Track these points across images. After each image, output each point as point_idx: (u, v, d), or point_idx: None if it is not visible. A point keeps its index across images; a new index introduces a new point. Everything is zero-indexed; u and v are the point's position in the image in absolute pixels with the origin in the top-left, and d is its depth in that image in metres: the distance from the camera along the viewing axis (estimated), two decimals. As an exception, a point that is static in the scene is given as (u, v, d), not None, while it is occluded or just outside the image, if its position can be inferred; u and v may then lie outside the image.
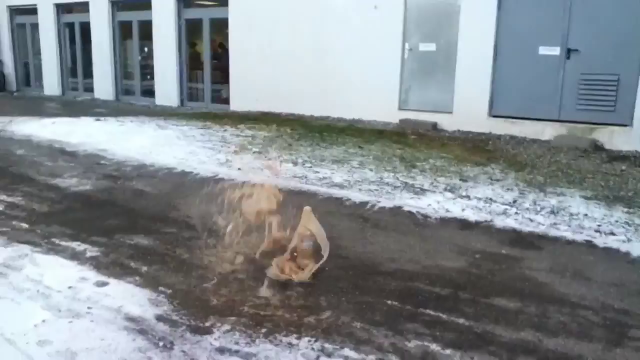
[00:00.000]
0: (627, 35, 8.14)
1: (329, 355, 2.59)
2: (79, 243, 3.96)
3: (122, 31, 15.53)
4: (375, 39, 10.59)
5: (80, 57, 16.76)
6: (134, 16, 15.02)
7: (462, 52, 9.64)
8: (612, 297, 3.28)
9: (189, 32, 14.07)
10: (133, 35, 15.27)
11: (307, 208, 3.59)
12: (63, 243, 3.96)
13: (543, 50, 8.94)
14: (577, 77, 8.63)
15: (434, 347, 2.68)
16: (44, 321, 2.80)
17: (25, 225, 4.36)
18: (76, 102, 15.57)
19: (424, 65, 10.29)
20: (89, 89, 16.31)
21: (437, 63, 10.10)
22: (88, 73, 16.37)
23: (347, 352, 2.62)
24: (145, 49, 15.11)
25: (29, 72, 18.55)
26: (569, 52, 8.67)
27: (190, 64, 14.23)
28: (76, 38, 16.71)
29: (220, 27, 13.29)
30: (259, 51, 12.27)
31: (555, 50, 8.82)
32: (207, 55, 13.81)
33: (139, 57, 15.38)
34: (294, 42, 11.72)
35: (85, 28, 16.02)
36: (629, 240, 4.20)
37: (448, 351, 2.64)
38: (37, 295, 3.09)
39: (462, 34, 9.61)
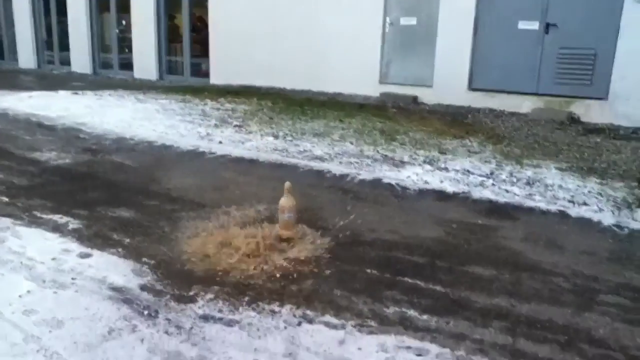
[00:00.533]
0: (603, 10, 8.22)
1: (310, 321, 2.66)
2: (60, 216, 3.96)
3: (100, 3, 15.21)
4: (357, 13, 10.55)
5: (56, 29, 16.41)
6: (112, -13, 14.72)
7: (443, 26, 9.66)
8: (582, 264, 3.41)
9: (168, 4, 13.84)
10: (110, 7, 14.98)
11: (287, 183, 3.65)
12: (45, 216, 3.96)
13: (522, 25, 9.00)
14: (555, 51, 8.73)
15: (412, 312, 2.77)
16: (28, 292, 2.83)
17: (5, 199, 4.34)
18: (53, 75, 15.30)
19: (405, 39, 10.30)
20: (66, 62, 16.03)
21: (418, 37, 10.12)
22: (64, 46, 16.06)
23: (328, 318, 2.70)
24: (123, 22, 14.85)
25: (2, 44, 18.14)
26: (547, 27, 8.74)
27: (170, 37, 14.03)
28: (51, 10, 16.33)
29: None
30: (239, 24, 12.14)
31: (534, 25, 8.89)
32: (187, 28, 13.62)
33: (117, 30, 15.11)
34: (275, 15, 11.62)
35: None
36: (600, 210, 4.33)
37: (425, 316, 2.73)
38: (21, 267, 3.11)
39: (443, 8, 9.62)
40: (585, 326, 2.67)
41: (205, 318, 2.66)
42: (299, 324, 2.64)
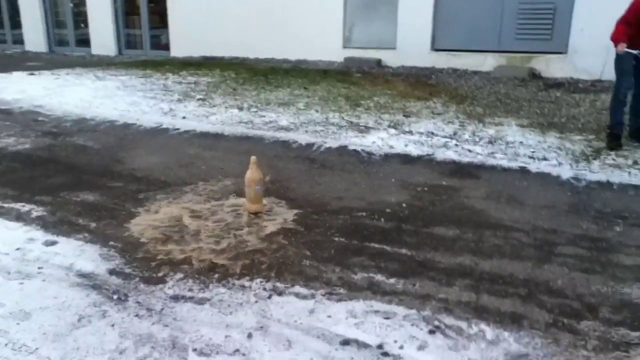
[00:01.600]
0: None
1: (280, 293, 2.70)
2: (23, 204, 3.90)
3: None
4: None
5: (6, 5, 15.77)
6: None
7: (403, -14, 9.60)
8: (542, 218, 3.52)
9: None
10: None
11: (253, 157, 3.64)
12: (6, 205, 3.89)
13: (483, -19, 9.00)
14: (515, 6, 8.76)
15: (379, 277, 2.83)
16: (-6, 284, 2.80)
17: (-36, 190, 4.24)
18: (5, 55, 14.77)
19: (367, 1, 10.20)
20: (19, 40, 15.48)
21: (379, -2, 10.03)
22: (16, 23, 15.48)
23: (298, 289, 2.74)
24: (77, -5, 14.36)
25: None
26: (507, -18, 8.76)
27: (127, 9, 13.62)
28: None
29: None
30: (196, -7, 11.86)
31: (495, -19, 8.89)
32: (143, -1, 13.24)
33: (71, 4, 14.60)
34: (232, -18, 11.37)
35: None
36: (559, 164, 4.45)
37: (392, 280, 2.80)
38: (-16, 259, 3.07)
39: (402, -34, 9.53)
40: (544, 278, 2.78)
41: (176, 298, 2.68)
42: (269, 296, 2.68)
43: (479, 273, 2.85)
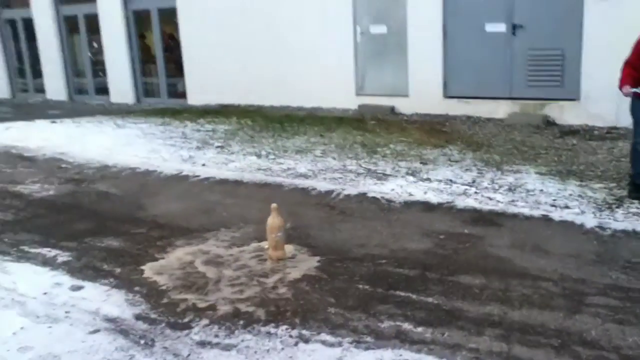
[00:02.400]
0: (568, 9, 8.34)
1: (306, 341, 2.69)
2: (49, 249, 3.94)
3: (69, 26, 15.06)
4: (327, 24, 10.58)
5: (27, 55, 16.21)
6: (79, 9, 14.47)
7: (412, 33, 9.74)
8: (569, 267, 3.48)
9: (138, 23, 13.75)
10: (80, 30, 14.82)
11: (273, 205, 3.67)
12: (33, 250, 3.93)
13: (489, 27, 9.11)
14: (524, 53, 8.86)
15: (406, 326, 2.81)
16: (22, 328, 2.81)
17: (-10, 235, 4.30)
18: (28, 104, 15.12)
19: (377, 49, 10.38)
20: (40, 89, 15.84)
21: (390, 46, 10.19)
22: (37, 72, 15.87)
23: (324, 336, 2.73)
24: (94, 44, 14.75)
25: (-26, 75, 17.88)
26: (514, 28, 8.87)
27: (143, 57, 13.96)
28: (20, 35, 16.13)
29: (170, 17, 13.04)
30: (211, 42, 12.15)
31: (501, 27, 8.98)
32: (159, 48, 13.57)
33: (89, 54, 15.01)
34: (247, 31, 11.62)
35: (29, 24, 15.47)
36: (582, 212, 4.43)
37: (420, 329, 2.77)
38: (13, 303, 3.09)
39: (411, 14, 9.69)
40: (577, 329, 2.73)
41: (202, 344, 2.67)
42: (296, 344, 2.67)
43: (509, 323, 2.82)
